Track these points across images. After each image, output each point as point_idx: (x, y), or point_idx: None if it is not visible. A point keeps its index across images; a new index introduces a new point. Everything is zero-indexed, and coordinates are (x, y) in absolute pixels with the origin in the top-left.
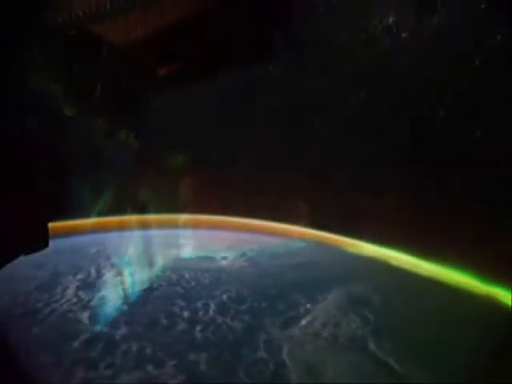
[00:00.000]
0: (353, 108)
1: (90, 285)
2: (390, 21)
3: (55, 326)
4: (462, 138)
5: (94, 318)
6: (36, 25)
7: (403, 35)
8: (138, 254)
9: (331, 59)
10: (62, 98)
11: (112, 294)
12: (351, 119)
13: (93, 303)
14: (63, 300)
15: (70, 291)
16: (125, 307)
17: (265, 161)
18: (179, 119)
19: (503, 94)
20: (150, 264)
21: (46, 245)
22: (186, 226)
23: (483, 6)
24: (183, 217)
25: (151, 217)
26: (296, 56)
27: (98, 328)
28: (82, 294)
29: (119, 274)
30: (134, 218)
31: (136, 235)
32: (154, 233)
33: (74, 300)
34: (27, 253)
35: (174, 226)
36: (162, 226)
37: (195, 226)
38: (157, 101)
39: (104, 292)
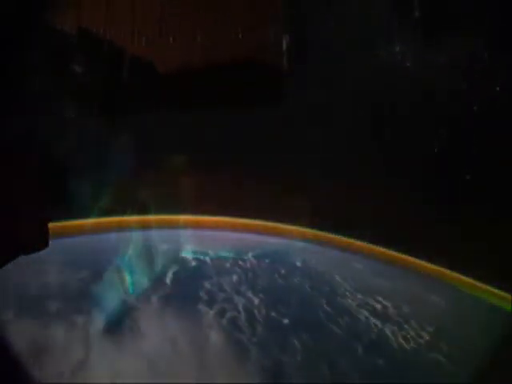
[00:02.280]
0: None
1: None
2: (397, 49)
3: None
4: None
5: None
6: (36, 25)
7: (407, 64)
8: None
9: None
10: (62, 98)
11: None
12: (350, 127)
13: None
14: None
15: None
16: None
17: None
18: (179, 119)
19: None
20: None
21: (45, 245)
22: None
23: (486, 55)
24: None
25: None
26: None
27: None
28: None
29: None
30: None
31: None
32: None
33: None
34: (27, 253)
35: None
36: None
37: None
38: (157, 102)
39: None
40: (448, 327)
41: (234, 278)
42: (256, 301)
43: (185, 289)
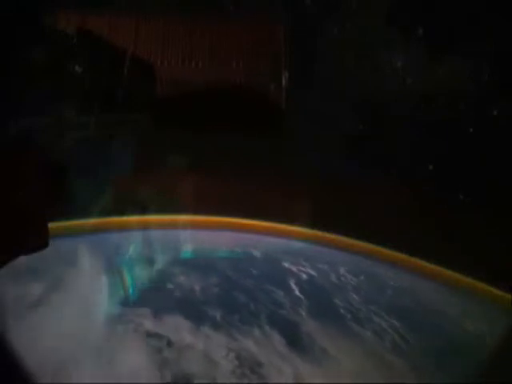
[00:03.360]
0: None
1: None
2: (399, 64)
3: None
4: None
5: None
6: (36, 25)
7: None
8: None
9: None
10: (62, 98)
11: None
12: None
13: None
14: None
15: None
16: None
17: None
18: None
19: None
20: None
21: (45, 245)
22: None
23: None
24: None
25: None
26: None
27: None
28: None
29: None
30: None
31: None
32: None
33: None
34: (27, 253)
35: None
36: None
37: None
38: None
39: None
40: None
41: (354, 295)
42: (396, 323)
43: (321, 304)
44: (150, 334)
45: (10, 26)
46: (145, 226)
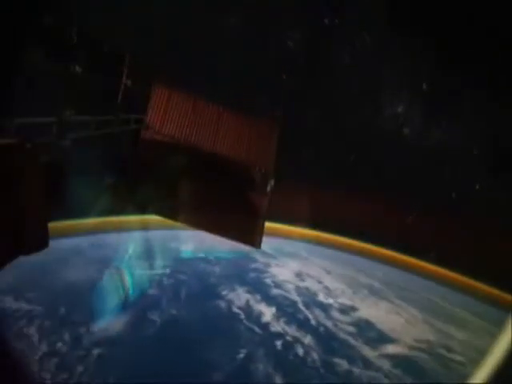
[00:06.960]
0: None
1: None
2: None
3: None
4: None
5: None
6: (36, 25)
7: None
8: None
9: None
10: (61, 97)
11: None
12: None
13: None
14: None
15: None
16: None
17: None
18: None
19: None
20: None
21: (45, 245)
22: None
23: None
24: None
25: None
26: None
27: None
28: None
29: None
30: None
31: None
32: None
33: None
34: (27, 253)
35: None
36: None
37: None
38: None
39: None
40: None
41: None
42: None
43: None
44: None
45: (9, 26)
46: (145, 226)
